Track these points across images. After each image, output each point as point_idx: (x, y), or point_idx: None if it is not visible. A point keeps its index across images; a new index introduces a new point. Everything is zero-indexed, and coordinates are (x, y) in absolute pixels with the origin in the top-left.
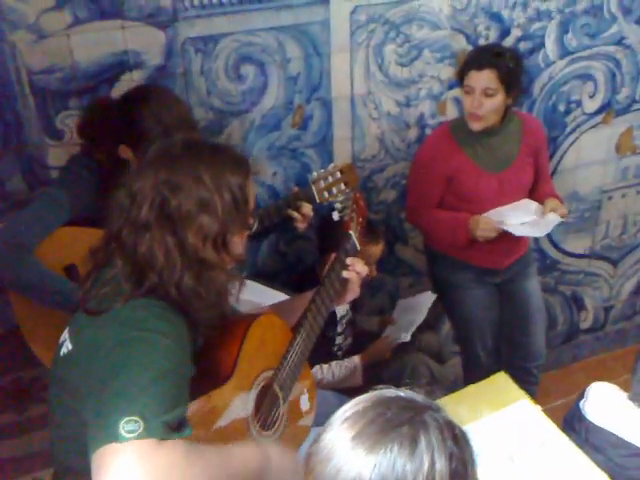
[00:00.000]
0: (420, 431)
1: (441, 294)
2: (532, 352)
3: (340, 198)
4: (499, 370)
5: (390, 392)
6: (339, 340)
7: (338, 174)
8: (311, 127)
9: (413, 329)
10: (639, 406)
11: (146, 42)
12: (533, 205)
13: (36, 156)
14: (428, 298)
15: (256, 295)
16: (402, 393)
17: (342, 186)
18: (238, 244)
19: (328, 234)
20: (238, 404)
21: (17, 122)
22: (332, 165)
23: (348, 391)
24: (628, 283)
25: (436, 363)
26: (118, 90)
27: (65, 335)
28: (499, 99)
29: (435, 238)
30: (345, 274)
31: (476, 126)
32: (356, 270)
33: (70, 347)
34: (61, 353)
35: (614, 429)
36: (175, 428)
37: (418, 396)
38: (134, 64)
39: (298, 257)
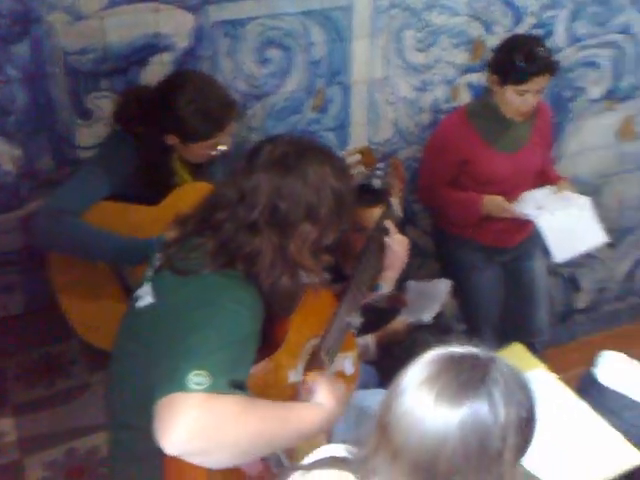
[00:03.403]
0: (493, 387)
1: (450, 274)
2: (536, 328)
3: (359, 178)
4: (502, 346)
5: (454, 351)
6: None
7: (358, 156)
8: (331, 111)
9: (434, 313)
10: None
11: (177, 25)
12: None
13: (65, 136)
14: (444, 285)
15: None
16: (464, 350)
17: (361, 168)
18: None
19: None
20: (288, 371)
21: (49, 102)
22: (352, 147)
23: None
24: (623, 265)
25: (448, 339)
26: (148, 72)
27: (145, 289)
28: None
29: (447, 216)
30: (387, 239)
31: (522, 119)
32: (395, 238)
33: (151, 300)
34: (138, 306)
35: (628, 392)
36: (237, 388)
37: (479, 351)
38: (164, 47)
39: None
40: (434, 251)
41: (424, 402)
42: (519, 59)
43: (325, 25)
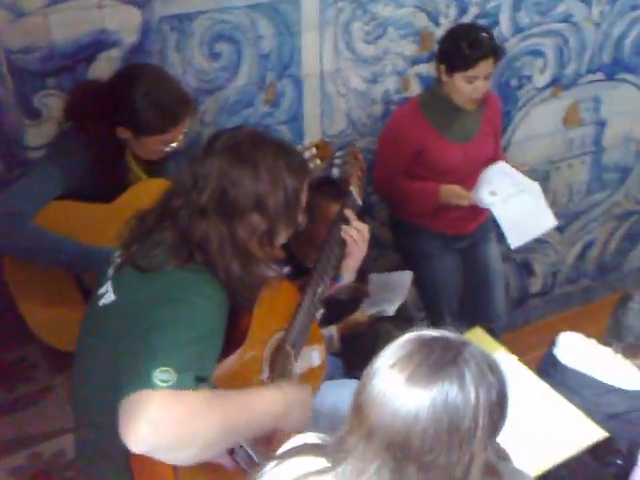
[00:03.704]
0: (464, 368)
1: (408, 263)
2: (494, 313)
3: (317, 171)
4: (462, 332)
5: (427, 333)
6: None
7: (314, 150)
8: (283, 104)
9: (397, 305)
10: (620, 349)
11: (123, 20)
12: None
13: (14, 137)
14: (407, 277)
15: None
16: (436, 333)
17: (318, 161)
18: (282, 239)
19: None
20: (253, 367)
21: None
22: (308, 141)
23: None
24: (573, 249)
25: (410, 328)
26: (96, 69)
27: (107, 287)
28: (491, 79)
29: (404, 206)
30: (343, 234)
31: (474, 107)
32: (355, 227)
33: (113, 298)
34: (100, 304)
35: (587, 371)
36: (202, 382)
37: (451, 334)
38: (111, 43)
39: None
40: (392, 242)
41: (396, 382)
42: (464, 45)
43: (273, 18)
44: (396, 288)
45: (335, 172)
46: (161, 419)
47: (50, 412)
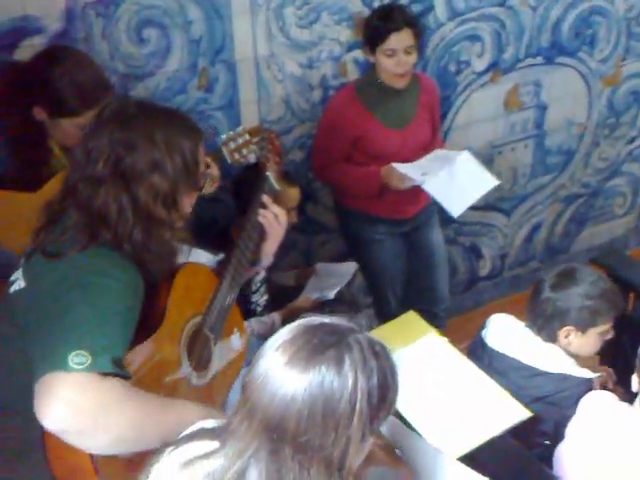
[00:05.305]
0: (344, 352)
1: (353, 248)
2: (438, 296)
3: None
4: None
5: (315, 319)
6: (255, 298)
7: (247, 136)
8: (217, 90)
9: (336, 290)
10: (536, 332)
11: (45, 6)
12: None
13: None
14: (351, 268)
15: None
16: (327, 320)
17: (252, 147)
18: (187, 204)
19: (244, 194)
20: (169, 351)
21: None
22: (241, 127)
23: None
24: (521, 231)
25: (351, 312)
26: (19, 57)
27: (18, 274)
28: (415, 55)
29: (345, 192)
30: (260, 218)
31: (401, 84)
32: (273, 211)
33: (23, 285)
34: (11, 290)
35: (514, 354)
36: (120, 367)
37: (342, 321)
38: (34, 30)
39: (212, 219)
40: (338, 227)
41: (277, 364)
42: (376, 20)
43: (202, 3)
44: (340, 277)
45: (252, 158)
46: (75, 400)
47: None
